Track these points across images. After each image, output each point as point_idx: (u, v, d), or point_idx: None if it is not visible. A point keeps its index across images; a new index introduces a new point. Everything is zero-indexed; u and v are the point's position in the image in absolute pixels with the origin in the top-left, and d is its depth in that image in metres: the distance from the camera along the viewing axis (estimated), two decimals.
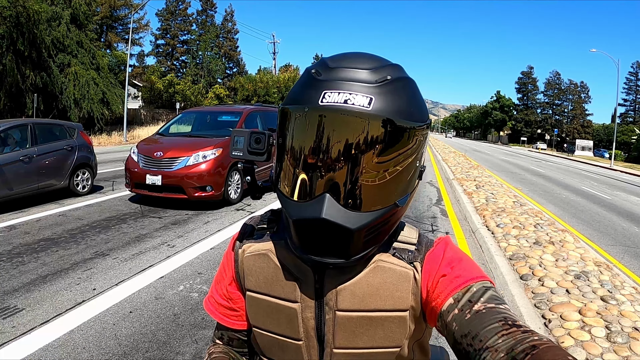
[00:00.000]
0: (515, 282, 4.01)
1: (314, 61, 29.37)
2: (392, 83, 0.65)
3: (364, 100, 0.62)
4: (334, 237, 0.64)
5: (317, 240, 0.66)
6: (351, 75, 0.64)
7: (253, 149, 0.74)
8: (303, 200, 0.65)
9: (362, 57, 0.68)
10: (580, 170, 23.95)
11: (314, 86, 0.66)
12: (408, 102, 0.66)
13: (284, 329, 0.75)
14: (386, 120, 0.62)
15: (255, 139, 0.74)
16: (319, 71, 0.67)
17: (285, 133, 0.68)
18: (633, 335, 2.81)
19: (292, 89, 0.72)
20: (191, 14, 48.11)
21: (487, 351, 0.56)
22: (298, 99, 0.67)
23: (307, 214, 0.64)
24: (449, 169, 14.35)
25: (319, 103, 0.63)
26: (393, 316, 0.71)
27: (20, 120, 7.08)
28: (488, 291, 0.65)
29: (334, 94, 0.63)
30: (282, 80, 39.47)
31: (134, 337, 2.83)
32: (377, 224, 0.66)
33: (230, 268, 0.82)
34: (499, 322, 0.59)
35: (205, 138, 7.17)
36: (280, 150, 0.69)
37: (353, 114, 0.62)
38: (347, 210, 0.63)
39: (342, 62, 0.67)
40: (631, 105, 69.12)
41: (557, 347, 0.52)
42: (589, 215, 8.85)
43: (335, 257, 0.66)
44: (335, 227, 0.62)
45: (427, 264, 0.72)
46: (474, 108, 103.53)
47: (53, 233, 5.14)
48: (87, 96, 20.89)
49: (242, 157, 0.75)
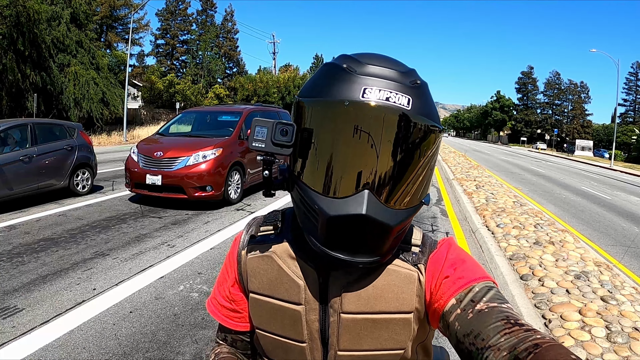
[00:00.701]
0: (516, 282, 4.01)
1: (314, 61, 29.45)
2: (421, 87, 0.67)
3: (404, 100, 0.63)
4: (372, 235, 0.64)
5: (352, 238, 0.64)
6: (388, 74, 0.64)
7: (278, 141, 0.68)
8: (340, 197, 0.63)
9: (388, 58, 0.69)
10: (580, 170, 23.96)
11: (350, 81, 0.64)
12: (432, 105, 0.68)
13: (287, 331, 0.75)
14: (425, 123, 0.64)
15: (282, 130, 0.68)
16: (352, 67, 0.65)
17: (317, 127, 0.65)
18: (633, 335, 2.81)
19: (314, 82, 0.69)
20: (191, 13, 48.14)
21: (489, 350, 0.56)
22: (330, 92, 0.65)
23: (346, 210, 0.62)
24: (448, 169, 14.34)
25: (360, 98, 0.62)
26: (398, 318, 0.70)
27: (20, 120, 7.08)
28: (491, 291, 0.65)
29: (375, 91, 0.63)
30: (282, 80, 39.44)
31: (134, 337, 2.83)
32: (407, 222, 0.67)
33: (233, 270, 0.82)
34: (501, 320, 0.59)
35: (205, 138, 7.17)
36: (306, 144, 0.66)
37: (398, 112, 0.62)
38: (386, 207, 0.63)
39: (373, 60, 0.67)
40: (631, 106, 69.12)
41: (560, 346, 0.52)
42: (589, 216, 8.85)
43: (368, 255, 0.65)
44: (375, 224, 0.62)
45: (430, 265, 0.72)
46: (474, 108, 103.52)
47: (53, 233, 5.13)
48: (87, 96, 20.90)
49: (265, 150, 0.69)
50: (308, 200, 0.66)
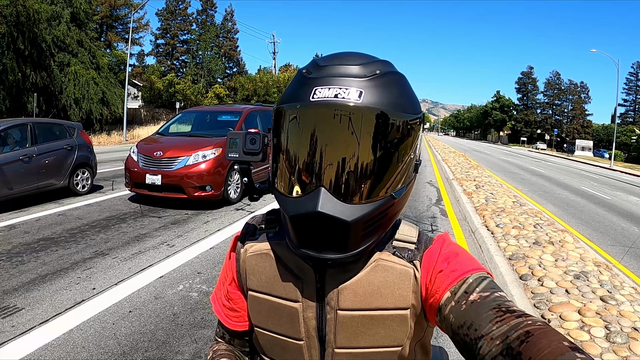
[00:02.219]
0: (515, 282, 4.01)
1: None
2: (382, 77, 0.66)
3: (355, 94, 0.63)
4: (332, 231, 0.64)
5: (315, 235, 0.65)
6: (341, 71, 0.66)
7: (248, 150, 0.74)
8: (298, 197, 0.66)
9: (352, 55, 0.70)
10: (580, 170, 23.96)
11: (305, 84, 0.67)
12: (398, 95, 0.67)
13: (285, 328, 0.75)
14: (377, 113, 0.63)
15: (250, 139, 0.74)
16: (310, 70, 0.68)
17: (280, 132, 0.69)
18: (632, 335, 2.82)
19: (285, 90, 0.73)
20: (191, 13, 48.12)
21: (482, 339, 0.56)
22: (290, 97, 0.68)
23: (303, 209, 0.64)
24: (448, 169, 14.34)
25: (310, 99, 0.64)
26: (394, 315, 0.71)
27: (20, 120, 7.07)
28: (484, 281, 0.65)
29: (325, 90, 0.64)
30: (282, 80, 39.44)
31: (134, 336, 2.83)
32: (374, 217, 0.66)
33: (231, 268, 0.83)
34: (492, 309, 0.59)
35: (205, 138, 7.17)
36: (275, 149, 0.70)
37: (344, 107, 0.63)
38: (342, 203, 0.63)
39: (333, 60, 0.68)
40: (631, 106, 69.12)
41: (552, 331, 0.52)
42: (588, 216, 8.86)
43: (333, 252, 0.66)
44: (331, 220, 0.62)
45: (425, 261, 0.72)
46: (474, 108, 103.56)
47: (53, 232, 5.13)
48: (87, 95, 20.90)
49: (238, 159, 0.75)
50: (278, 201, 0.69)
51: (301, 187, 0.66)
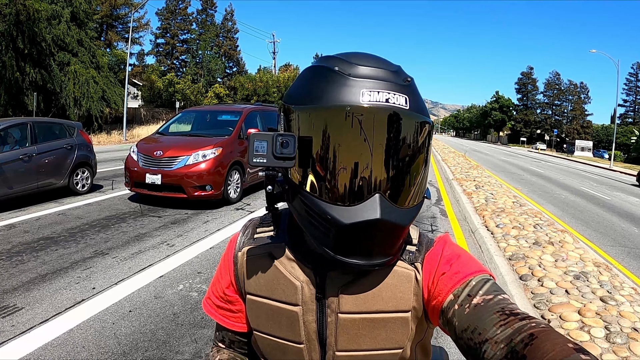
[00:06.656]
0: (515, 282, 4.01)
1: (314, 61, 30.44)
2: (412, 84, 0.68)
3: (402, 100, 0.64)
4: (387, 237, 0.64)
5: (367, 242, 0.64)
6: (382, 75, 0.64)
7: (280, 154, 0.63)
8: (352, 204, 0.62)
9: (376, 57, 0.69)
10: (579, 170, 23.97)
11: (345, 85, 0.63)
12: (422, 101, 0.69)
13: (285, 332, 0.75)
14: (422, 120, 0.65)
15: (282, 142, 0.63)
16: (345, 69, 0.64)
17: (314, 135, 0.63)
18: (632, 335, 2.82)
19: (303, 88, 0.67)
20: (191, 13, 48.09)
21: (487, 343, 0.56)
22: (326, 98, 0.63)
23: (361, 217, 0.61)
24: (448, 169, 14.34)
25: (361, 102, 0.61)
26: (395, 317, 0.71)
27: (20, 119, 7.07)
28: (487, 284, 0.65)
29: (374, 93, 0.62)
30: (282, 80, 39.41)
31: (134, 336, 2.83)
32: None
33: (229, 272, 0.81)
34: (496, 313, 0.59)
35: (205, 137, 7.17)
36: (305, 153, 0.64)
37: (400, 113, 0.62)
38: (397, 208, 0.64)
39: (362, 60, 0.66)
40: (631, 106, 69.16)
41: (555, 333, 0.53)
42: (588, 216, 8.86)
43: (383, 257, 0.65)
44: (390, 226, 0.62)
45: (427, 263, 0.72)
46: (474, 108, 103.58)
47: (52, 232, 5.13)
48: (86, 95, 20.87)
49: (267, 164, 0.64)
50: (317, 210, 0.63)
51: (352, 193, 0.62)
